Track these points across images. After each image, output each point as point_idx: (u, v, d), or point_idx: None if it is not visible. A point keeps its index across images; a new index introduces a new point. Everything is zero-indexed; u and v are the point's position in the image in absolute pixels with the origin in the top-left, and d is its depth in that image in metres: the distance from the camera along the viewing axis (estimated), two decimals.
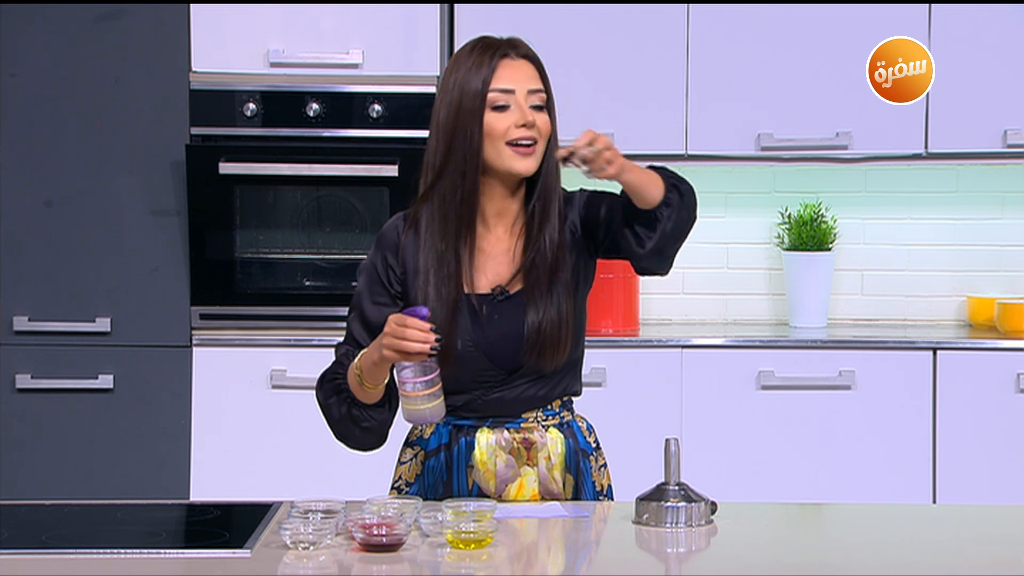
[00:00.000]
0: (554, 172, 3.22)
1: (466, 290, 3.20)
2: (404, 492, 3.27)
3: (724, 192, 5.56)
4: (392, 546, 2.83)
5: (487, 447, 3.21)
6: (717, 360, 5.09)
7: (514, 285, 3.22)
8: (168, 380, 5.10)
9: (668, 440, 3.04)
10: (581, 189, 3.29)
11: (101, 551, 2.84)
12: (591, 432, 3.32)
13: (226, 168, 5.06)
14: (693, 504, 3.01)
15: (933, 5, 5.18)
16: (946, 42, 5.16)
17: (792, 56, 5.22)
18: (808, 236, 5.41)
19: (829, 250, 5.42)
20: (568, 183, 3.30)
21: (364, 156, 5.07)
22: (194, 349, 5.10)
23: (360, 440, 3.21)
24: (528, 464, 3.22)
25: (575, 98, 5.04)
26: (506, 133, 3.16)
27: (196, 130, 5.10)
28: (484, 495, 3.19)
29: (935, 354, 5.08)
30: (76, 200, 5.10)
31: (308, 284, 5.15)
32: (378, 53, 5.12)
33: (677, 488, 3.02)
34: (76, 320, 5.11)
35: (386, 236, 3.26)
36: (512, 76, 3.18)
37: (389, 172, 5.05)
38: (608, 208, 3.21)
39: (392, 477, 3.31)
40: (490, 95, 3.16)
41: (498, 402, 3.21)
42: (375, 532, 2.82)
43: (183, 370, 5.10)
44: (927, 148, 5.23)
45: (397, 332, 3.00)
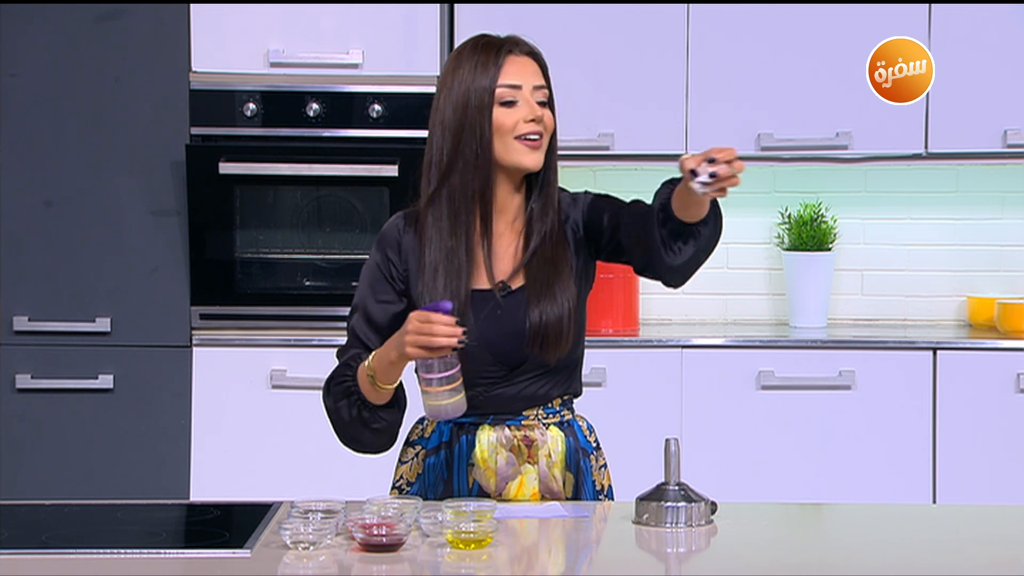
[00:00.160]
0: (554, 168, 3.24)
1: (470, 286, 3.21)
2: (405, 491, 3.27)
3: None
4: (392, 546, 2.82)
5: (488, 444, 3.21)
6: (717, 360, 5.09)
7: (516, 280, 3.22)
8: (168, 380, 5.09)
9: (668, 440, 3.04)
10: (586, 191, 3.31)
11: (101, 551, 2.84)
12: (591, 432, 3.33)
13: (226, 168, 5.06)
14: (693, 504, 3.01)
15: (933, 5, 5.17)
16: (946, 42, 5.16)
17: (792, 56, 5.22)
18: (808, 236, 5.41)
19: (829, 250, 5.42)
20: (569, 183, 3.30)
21: (364, 156, 5.07)
22: (194, 349, 5.10)
23: (370, 442, 3.21)
24: (529, 462, 3.22)
25: (575, 98, 5.05)
26: (515, 128, 3.17)
27: (196, 130, 5.09)
28: (484, 493, 3.20)
29: (935, 354, 5.07)
30: (76, 200, 5.10)
31: (308, 284, 5.14)
32: (378, 53, 5.11)
33: (677, 488, 3.02)
34: (76, 320, 5.11)
35: (387, 235, 3.27)
36: (519, 72, 3.19)
37: (389, 172, 5.05)
38: (613, 213, 3.23)
39: (393, 477, 3.31)
40: (499, 91, 3.17)
41: (499, 399, 3.21)
42: (375, 532, 2.82)
43: (183, 370, 5.09)
44: (927, 148, 5.23)
45: (423, 328, 3.00)
